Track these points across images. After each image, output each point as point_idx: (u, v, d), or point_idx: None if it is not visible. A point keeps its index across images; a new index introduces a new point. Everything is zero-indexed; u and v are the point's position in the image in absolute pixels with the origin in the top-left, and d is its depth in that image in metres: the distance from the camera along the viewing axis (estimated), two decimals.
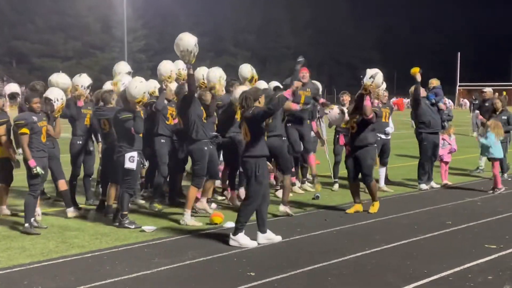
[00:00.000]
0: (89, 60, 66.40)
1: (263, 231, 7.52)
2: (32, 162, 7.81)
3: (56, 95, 8.61)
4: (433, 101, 11.94)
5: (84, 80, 9.70)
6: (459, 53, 67.66)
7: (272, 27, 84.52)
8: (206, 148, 8.58)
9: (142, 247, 7.39)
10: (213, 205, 9.63)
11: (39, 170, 7.85)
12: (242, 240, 7.36)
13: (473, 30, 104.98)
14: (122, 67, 10.34)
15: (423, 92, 11.73)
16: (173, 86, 9.54)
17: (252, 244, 7.36)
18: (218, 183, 10.41)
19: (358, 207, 9.49)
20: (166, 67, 9.54)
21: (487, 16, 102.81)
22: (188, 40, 8.42)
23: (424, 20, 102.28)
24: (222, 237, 7.79)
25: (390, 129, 11.54)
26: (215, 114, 9.38)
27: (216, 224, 8.46)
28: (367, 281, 6.12)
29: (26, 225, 7.94)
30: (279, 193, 10.80)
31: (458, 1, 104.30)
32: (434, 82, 12.89)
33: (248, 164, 7.37)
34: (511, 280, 6.11)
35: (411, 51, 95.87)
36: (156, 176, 9.65)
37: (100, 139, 9.93)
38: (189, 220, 8.49)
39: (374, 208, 9.41)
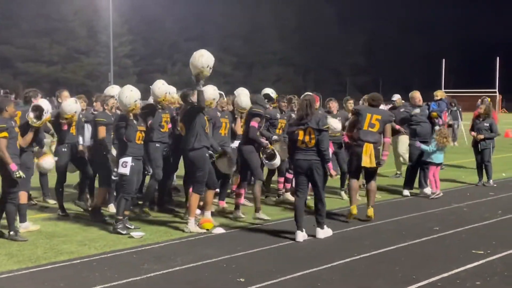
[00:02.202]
0: (74, 65, 65.96)
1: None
2: (13, 166, 7.67)
3: (48, 108, 8.42)
4: (433, 109, 12.14)
5: (78, 107, 9.42)
6: (444, 59, 68.17)
7: (259, 33, 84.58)
8: (207, 155, 8.58)
9: (131, 253, 7.37)
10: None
11: (21, 173, 7.73)
12: (328, 230, 8.27)
13: (459, 36, 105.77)
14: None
15: (418, 99, 11.95)
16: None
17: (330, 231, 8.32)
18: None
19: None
20: (161, 89, 9.46)
21: (473, 23, 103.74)
22: (210, 57, 8.42)
23: (410, 26, 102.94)
24: (212, 243, 7.81)
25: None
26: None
27: (206, 230, 8.45)
28: (357, 287, 6.15)
29: (12, 233, 7.90)
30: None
31: (444, 7, 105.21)
32: (440, 94, 13.09)
33: (319, 165, 8.03)
34: (498, 286, 6.17)
35: (397, 56, 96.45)
36: (149, 181, 9.68)
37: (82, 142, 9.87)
38: (193, 227, 8.43)
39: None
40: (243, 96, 10.11)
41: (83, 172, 9.81)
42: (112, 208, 9.70)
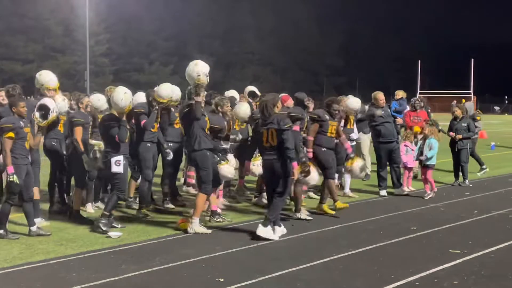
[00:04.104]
0: (50, 63, 65.01)
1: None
2: (10, 169, 7.60)
3: (53, 106, 8.34)
4: (396, 109, 12.22)
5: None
6: (419, 61, 68.79)
7: (237, 33, 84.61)
8: (209, 154, 8.42)
9: (109, 253, 7.31)
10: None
11: (15, 178, 7.64)
12: (269, 232, 8.00)
13: (434, 38, 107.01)
14: None
15: (381, 101, 11.99)
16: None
17: (275, 236, 8.03)
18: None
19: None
20: (167, 92, 9.32)
21: (449, 25, 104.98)
22: (203, 67, 8.39)
23: (386, 27, 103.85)
24: (190, 243, 7.77)
25: (354, 135, 11.66)
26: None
27: (185, 229, 8.39)
28: (336, 287, 6.17)
29: (1, 231, 7.83)
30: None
31: (420, 9, 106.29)
32: (401, 94, 13.18)
33: (279, 164, 8.04)
34: (475, 285, 6.23)
35: (374, 57, 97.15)
36: (140, 182, 9.59)
37: None
38: (197, 227, 8.33)
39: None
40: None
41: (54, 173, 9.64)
42: (89, 209, 9.67)
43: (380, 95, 12.06)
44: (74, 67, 64.86)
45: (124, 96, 8.25)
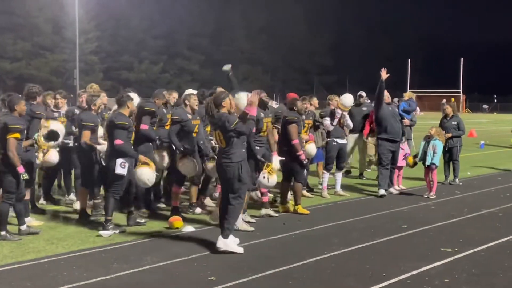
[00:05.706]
0: (38, 61, 64.91)
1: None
2: (21, 169, 7.59)
3: (62, 136, 8.50)
4: (404, 108, 12.31)
5: None
6: (409, 59, 69.11)
7: (227, 31, 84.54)
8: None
9: (100, 252, 7.28)
10: (198, 209, 9.60)
11: (26, 176, 7.68)
12: (231, 244, 7.27)
13: (424, 37, 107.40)
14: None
15: (386, 96, 11.96)
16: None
17: (239, 250, 7.26)
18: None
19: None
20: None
21: (438, 24, 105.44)
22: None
23: (376, 27, 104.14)
24: (181, 242, 7.75)
25: (348, 120, 11.50)
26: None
27: (176, 228, 8.38)
28: (328, 285, 6.17)
29: (3, 233, 7.72)
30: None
31: (410, 7, 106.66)
32: (408, 95, 13.28)
33: (229, 168, 7.23)
34: (466, 283, 6.26)
35: (364, 57, 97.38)
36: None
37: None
38: (240, 224, 8.28)
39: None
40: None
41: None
42: (75, 206, 9.68)
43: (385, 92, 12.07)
44: (64, 65, 64.51)
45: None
